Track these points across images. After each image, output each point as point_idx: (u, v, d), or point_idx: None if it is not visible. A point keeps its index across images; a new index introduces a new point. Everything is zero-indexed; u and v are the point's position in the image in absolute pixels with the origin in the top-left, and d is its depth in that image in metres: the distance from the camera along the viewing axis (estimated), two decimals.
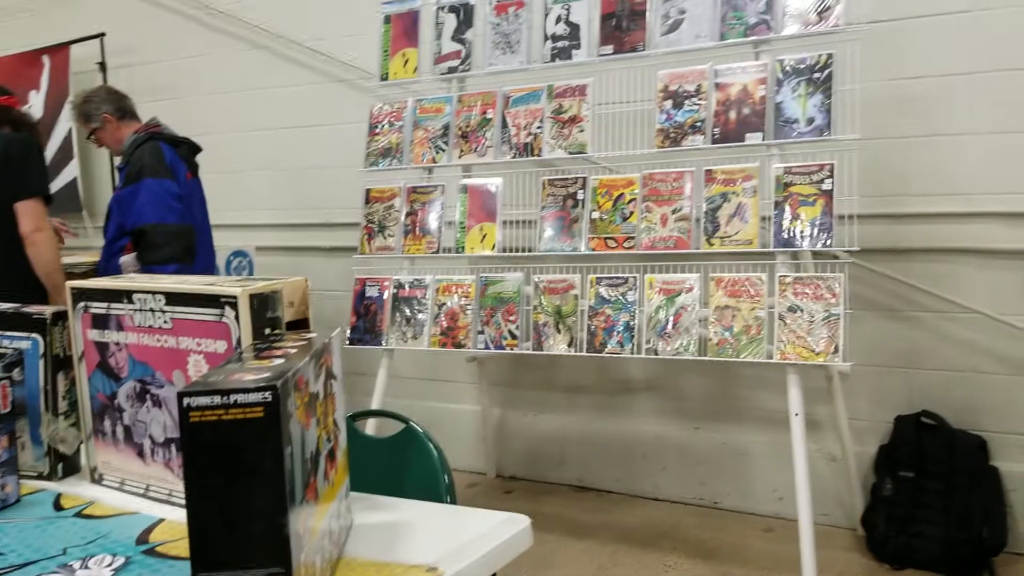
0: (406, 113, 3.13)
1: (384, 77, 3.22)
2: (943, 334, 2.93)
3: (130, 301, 1.37)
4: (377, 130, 3.18)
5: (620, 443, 3.56)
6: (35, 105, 5.19)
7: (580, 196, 2.76)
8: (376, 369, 3.09)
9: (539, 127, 2.86)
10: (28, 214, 2.67)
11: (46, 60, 5.10)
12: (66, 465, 1.52)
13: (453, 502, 1.38)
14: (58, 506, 1.36)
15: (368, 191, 3.18)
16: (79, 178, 5.07)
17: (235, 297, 1.22)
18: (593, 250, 2.71)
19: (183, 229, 2.86)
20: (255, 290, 1.24)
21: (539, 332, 2.77)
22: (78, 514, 1.31)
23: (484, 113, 2.97)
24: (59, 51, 5.00)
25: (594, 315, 2.65)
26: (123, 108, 3.10)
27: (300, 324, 1.35)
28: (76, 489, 1.43)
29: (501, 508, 1.29)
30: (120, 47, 4.73)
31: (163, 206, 2.83)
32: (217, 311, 1.24)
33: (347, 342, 3.10)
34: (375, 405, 2.99)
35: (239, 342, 1.23)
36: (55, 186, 5.21)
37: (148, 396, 1.37)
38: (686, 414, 3.43)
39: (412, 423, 1.51)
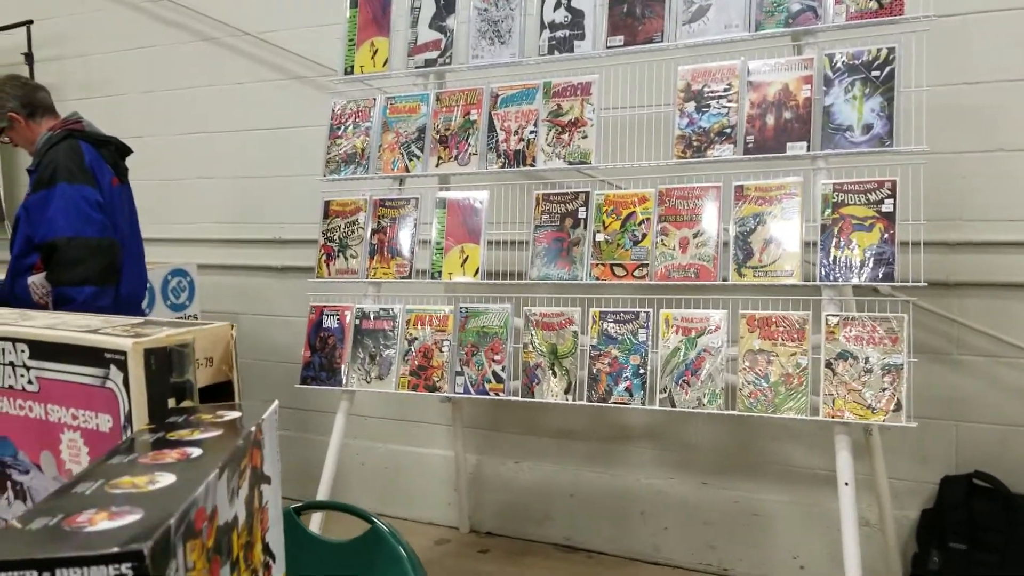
0: (374, 113, 2.79)
1: (348, 71, 2.87)
2: (998, 381, 2.64)
3: None
4: (339, 132, 2.83)
5: (615, 498, 3.24)
6: None
7: (582, 214, 2.42)
8: (334, 406, 2.74)
9: (533, 132, 2.53)
10: None
11: None
12: None
13: None
14: None
15: (327, 203, 2.83)
16: None
17: (124, 352, 0.87)
18: (597, 279, 2.37)
19: (104, 244, 2.49)
20: (153, 343, 0.90)
21: (530, 375, 2.43)
22: None
23: (467, 114, 2.63)
24: None
25: (597, 356, 2.31)
26: (33, 103, 2.72)
27: (221, 389, 0.99)
28: None
29: (475, 570, 0.94)
30: (49, 36, 4.38)
31: (80, 216, 2.46)
32: (99, 372, 0.91)
33: (300, 380, 2.75)
34: (330, 466, 2.62)
35: (128, 418, 0.87)
36: None
37: (9, 484, 1.01)
38: (692, 467, 3.11)
39: (377, 522, 1.15)
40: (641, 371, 2.27)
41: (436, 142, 2.68)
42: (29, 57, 4.41)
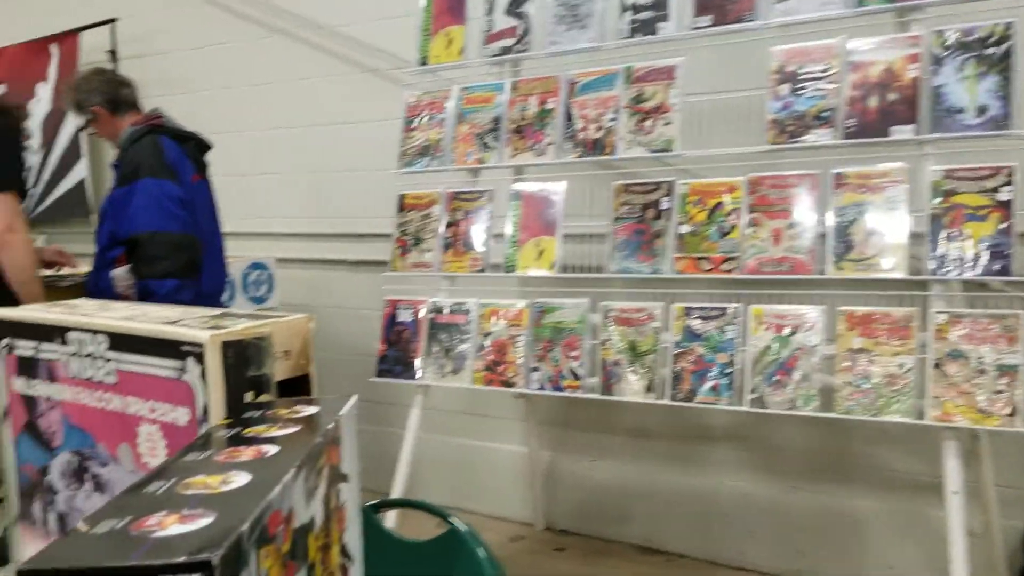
0: (449, 104, 2.75)
1: (423, 62, 2.84)
2: None
3: (64, 342, 1.00)
4: (414, 125, 2.81)
5: (696, 500, 3.14)
6: (42, 98, 4.95)
7: (664, 205, 2.34)
8: (408, 399, 2.72)
9: (613, 119, 2.45)
10: None
11: (54, 49, 4.85)
12: None
13: None
14: None
15: (402, 197, 2.81)
16: (88, 179, 4.81)
17: (201, 345, 0.84)
18: (680, 273, 2.28)
19: (185, 239, 2.52)
20: (231, 335, 0.87)
21: (608, 372, 2.36)
22: None
23: (544, 103, 2.57)
24: (68, 39, 4.76)
25: (681, 354, 2.23)
26: (117, 99, 2.76)
27: (299, 383, 0.96)
28: None
29: (551, 569, 0.89)
30: (133, 35, 4.48)
31: (161, 212, 2.48)
32: (176, 364, 0.88)
33: (375, 374, 2.74)
34: (405, 461, 2.60)
35: (205, 412, 0.85)
36: (61, 188, 4.95)
37: (87, 476, 1.00)
38: (780, 470, 2.99)
39: (455, 523, 1.11)
40: (728, 370, 2.18)
41: (511, 132, 2.63)
42: (113, 55, 4.53)
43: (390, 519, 2.50)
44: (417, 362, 2.65)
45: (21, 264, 2.37)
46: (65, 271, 2.74)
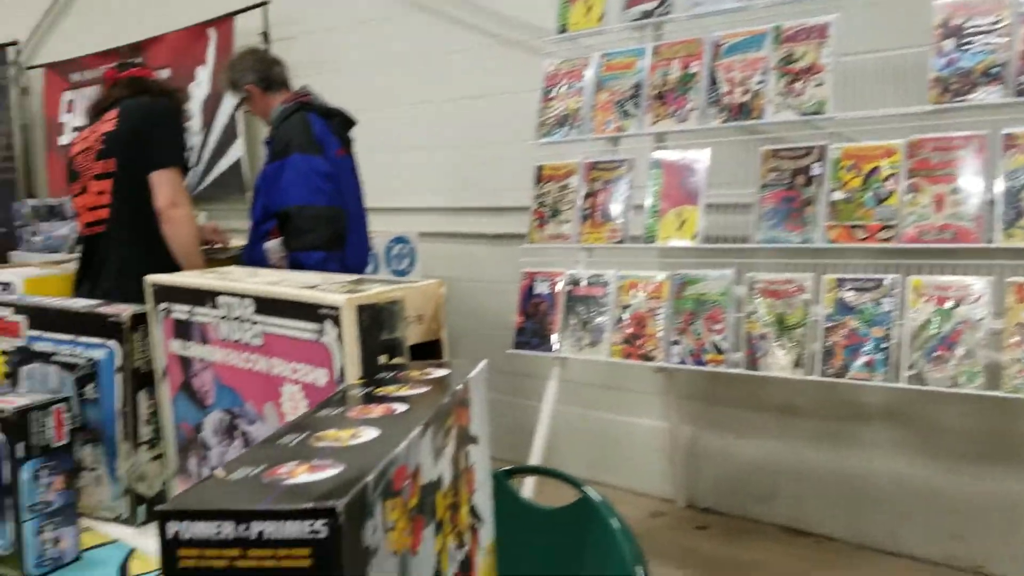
0: (588, 72, 2.72)
1: (562, 29, 2.82)
2: None
3: (214, 305, 1.05)
4: (552, 94, 2.80)
5: (847, 481, 3.01)
6: (201, 81, 5.24)
7: (816, 171, 2.24)
8: (546, 371, 2.73)
9: (761, 82, 2.36)
10: (164, 186, 2.49)
11: (212, 33, 5.12)
12: (150, 508, 1.25)
13: None
14: (124, 572, 1.07)
15: (540, 168, 2.81)
16: (244, 158, 5.06)
17: (337, 308, 0.87)
18: (833, 242, 2.18)
19: (331, 212, 2.62)
20: (365, 299, 0.89)
21: (754, 346, 2.29)
22: None
23: (687, 67, 2.50)
24: (224, 23, 5.01)
25: (833, 328, 2.13)
26: (269, 77, 2.90)
27: (431, 347, 0.98)
28: (156, 545, 1.14)
29: (692, 546, 0.86)
30: (283, 16, 4.66)
31: (310, 186, 2.60)
32: (315, 327, 0.90)
33: (513, 346, 2.77)
34: (542, 432, 2.62)
35: (342, 373, 0.87)
36: (220, 167, 5.24)
37: (236, 433, 1.05)
38: (938, 451, 2.83)
39: (588, 491, 1.11)
40: (884, 345, 2.06)
41: (652, 99, 2.57)
42: (265, 36, 4.74)
43: (524, 489, 2.53)
44: (554, 335, 2.66)
45: (185, 238, 2.52)
46: (218, 247, 2.91)
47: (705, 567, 2.85)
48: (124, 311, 1.24)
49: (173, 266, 2.54)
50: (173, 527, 0.46)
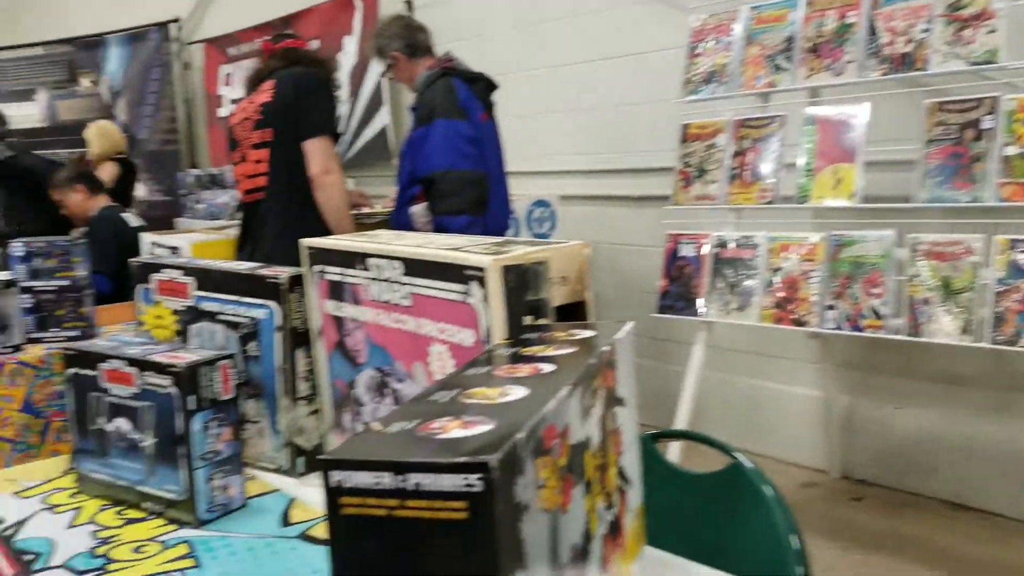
0: (736, 26, 2.63)
1: None
2: None
3: (365, 267, 1.10)
4: (699, 50, 2.72)
5: (1014, 455, 2.83)
6: (348, 51, 5.40)
7: (986, 124, 2.09)
8: (691, 336, 2.69)
9: (925, 30, 2.22)
10: (317, 154, 2.60)
11: (358, 3, 5.26)
12: (309, 460, 1.32)
13: None
14: (286, 519, 1.15)
15: (685, 127, 2.75)
16: (389, 126, 5.19)
17: (483, 269, 0.89)
18: (1005, 200, 2.04)
19: (475, 176, 2.66)
20: (511, 260, 0.90)
21: (916, 311, 2.18)
22: (303, 535, 1.08)
23: (843, 17, 2.38)
24: None
25: (1005, 292, 2.00)
26: (414, 44, 2.95)
27: (575, 309, 0.98)
28: (315, 493, 1.23)
29: (847, 519, 0.84)
30: None
31: (455, 150, 2.64)
32: (461, 288, 0.92)
33: (657, 310, 2.74)
34: (687, 398, 2.59)
35: (488, 333, 0.89)
36: (366, 135, 5.41)
37: (387, 390, 1.10)
38: None
39: (739, 457, 1.09)
40: None
41: (806, 52, 2.46)
42: (409, 4, 4.83)
43: (669, 454, 2.52)
44: (700, 299, 2.61)
45: (336, 204, 2.63)
46: (364, 211, 3.01)
47: (861, 540, 2.76)
48: (282, 273, 1.31)
49: (326, 230, 2.65)
50: (336, 476, 0.49)
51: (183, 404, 1.14)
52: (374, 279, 1.10)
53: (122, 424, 1.22)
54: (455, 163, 2.62)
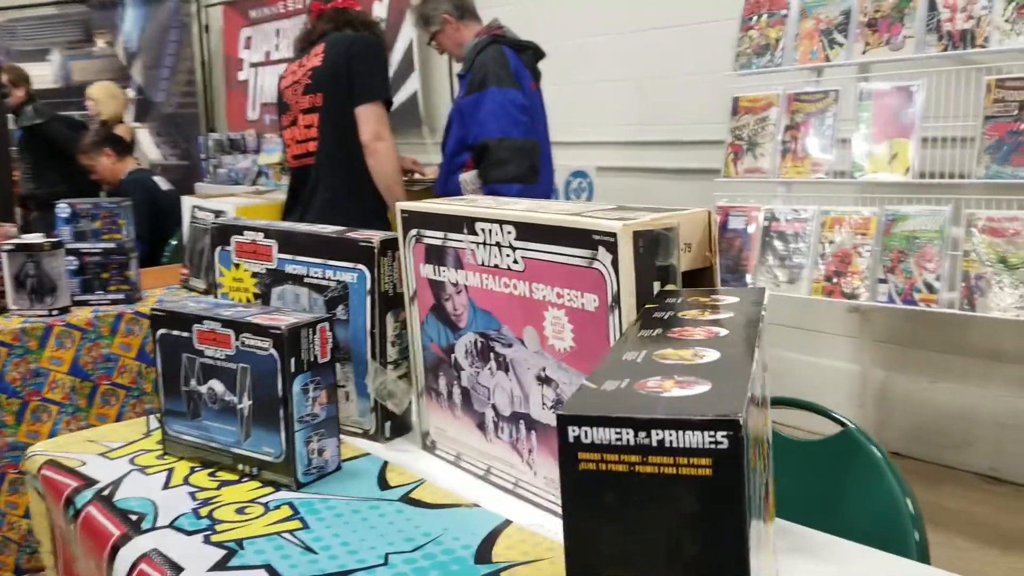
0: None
1: None
2: None
3: (472, 232, 1.10)
4: (752, 23, 2.70)
5: None
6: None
7: None
8: None
9: (986, 7, 2.19)
10: (368, 119, 2.58)
11: None
12: (394, 424, 1.33)
13: (924, 559, 0.96)
14: (383, 481, 1.16)
15: (736, 100, 2.73)
16: (419, 92, 5.15)
17: (613, 235, 0.88)
18: None
19: (528, 144, 2.65)
20: (641, 225, 0.90)
21: (971, 286, 2.18)
22: (405, 497, 1.09)
23: None
24: None
25: None
26: (463, 6, 2.92)
27: (698, 276, 0.99)
28: (404, 457, 1.24)
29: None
30: None
31: (508, 118, 2.62)
32: (587, 253, 0.92)
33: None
34: None
35: (616, 299, 0.89)
36: (396, 100, 5.37)
37: (492, 355, 1.11)
38: None
39: (852, 426, 1.09)
40: None
41: (863, 26, 2.44)
42: None
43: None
44: (749, 272, 2.61)
45: (387, 170, 2.61)
46: (416, 177, 3.00)
47: None
48: (375, 237, 1.31)
49: (377, 197, 2.64)
50: (574, 431, 0.49)
51: (283, 366, 1.14)
52: (482, 243, 1.10)
53: (216, 386, 1.22)
54: (508, 131, 2.60)
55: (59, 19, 7.31)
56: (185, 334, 1.24)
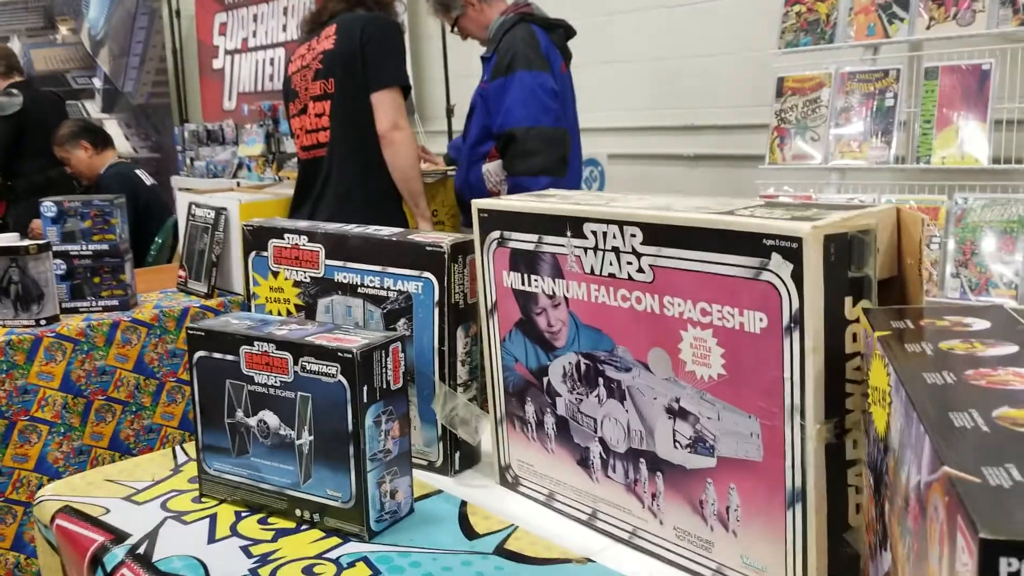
0: None
1: None
2: None
3: (579, 235, 0.94)
4: None
5: None
6: None
7: None
8: None
9: None
10: (385, 107, 2.41)
11: None
12: (463, 454, 1.18)
13: None
14: (468, 527, 1.01)
15: (781, 80, 2.58)
16: (411, 80, 4.97)
17: (798, 239, 0.73)
18: None
19: (559, 133, 2.47)
20: (833, 227, 0.74)
21: None
22: (500, 549, 0.94)
23: None
24: None
25: None
26: None
27: (893, 287, 0.84)
28: (482, 495, 1.09)
29: None
30: None
31: (537, 105, 2.44)
32: (753, 262, 0.76)
33: None
34: None
35: (796, 319, 0.73)
36: None
37: (601, 380, 0.95)
38: None
39: None
40: None
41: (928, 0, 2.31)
42: None
43: None
44: None
45: (405, 162, 2.45)
46: (427, 167, 2.82)
47: None
48: (444, 240, 1.15)
49: (394, 191, 2.47)
50: (1010, 566, 0.33)
51: (354, 396, 0.98)
52: (593, 248, 0.94)
53: (269, 418, 1.06)
54: (538, 119, 2.43)
55: (19, 5, 7.05)
56: (230, 357, 1.08)
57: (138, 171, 4.07)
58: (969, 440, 0.42)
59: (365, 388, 0.99)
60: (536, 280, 1.03)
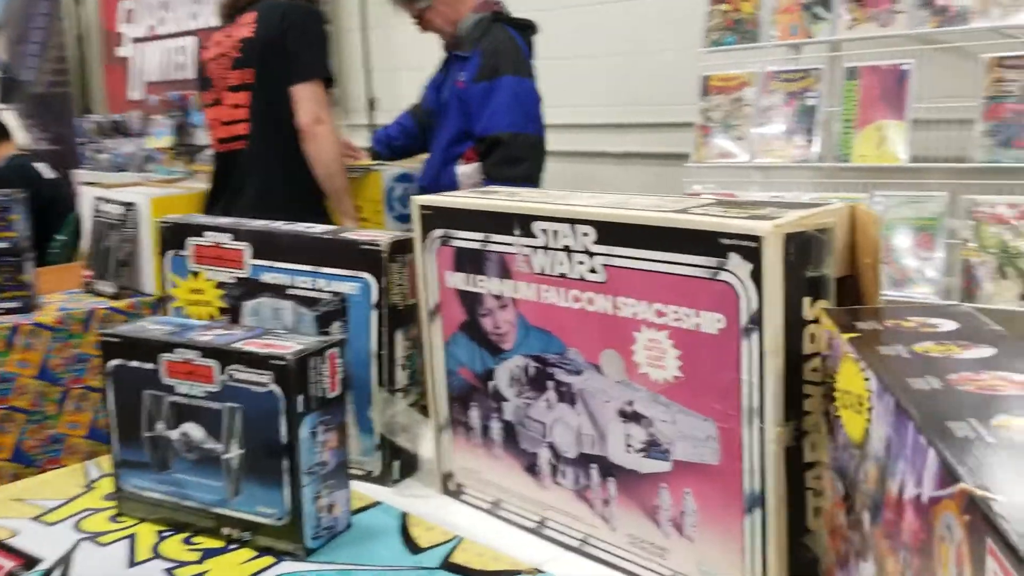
0: None
1: None
2: None
3: (527, 233, 0.91)
4: None
5: None
6: None
7: None
8: None
9: None
10: (306, 100, 2.33)
11: None
12: (403, 463, 1.14)
13: None
14: (410, 541, 0.97)
15: (706, 79, 2.59)
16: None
17: (757, 238, 0.71)
18: None
19: (542, 141, 2.44)
20: (793, 226, 0.73)
21: (971, 277, 2.11)
22: (447, 563, 0.90)
23: None
24: None
25: None
26: None
27: (847, 286, 0.83)
28: (423, 505, 1.05)
29: None
30: None
31: (523, 112, 2.38)
32: (711, 261, 0.75)
33: None
34: None
35: (755, 319, 0.72)
36: None
37: (550, 383, 0.92)
38: None
39: None
40: None
41: (850, 0, 2.34)
42: None
43: None
44: None
45: (328, 157, 2.37)
46: (351, 163, 2.74)
47: None
48: (382, 238, 1.10)
49: (316, 187, 2.40)
50: None
51: (289, 406, 0.93)
52: (543, 248, 0.91)
53: (193, 431, 1.00)
54: (524, 126, 2.36)
55: None
56: (148, 365, 1.01)
57: (37, 164, 3.87)
58: (977, 453, 0.40)
59: (301, 398, 0.94)
60: (482, 281, 1.00)
